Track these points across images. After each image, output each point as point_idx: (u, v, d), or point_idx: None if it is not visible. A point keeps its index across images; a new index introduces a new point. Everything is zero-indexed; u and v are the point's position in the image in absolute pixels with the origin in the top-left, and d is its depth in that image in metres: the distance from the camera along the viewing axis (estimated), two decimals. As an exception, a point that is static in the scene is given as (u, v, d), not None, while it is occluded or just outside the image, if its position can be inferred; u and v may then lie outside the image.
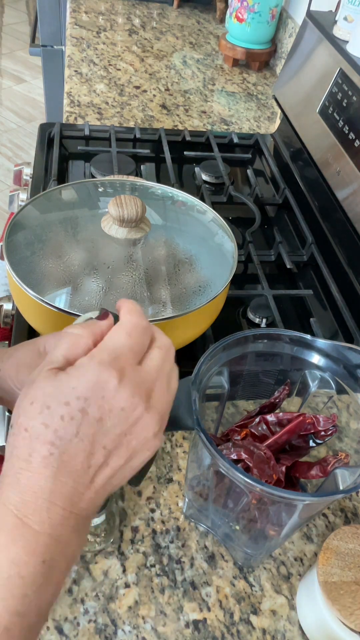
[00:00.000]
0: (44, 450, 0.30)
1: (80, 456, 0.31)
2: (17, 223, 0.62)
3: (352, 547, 0.46)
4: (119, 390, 0.31)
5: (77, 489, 0.31)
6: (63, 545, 0.31)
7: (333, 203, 0.80)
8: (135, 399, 0.32)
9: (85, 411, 0.31)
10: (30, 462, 0.31)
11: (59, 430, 0.31)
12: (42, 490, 0.30)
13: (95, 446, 0.31)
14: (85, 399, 0.31)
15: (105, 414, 0.31)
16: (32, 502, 0.30)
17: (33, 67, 3.21)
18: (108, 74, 1.25)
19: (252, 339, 0.49)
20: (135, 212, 0.58)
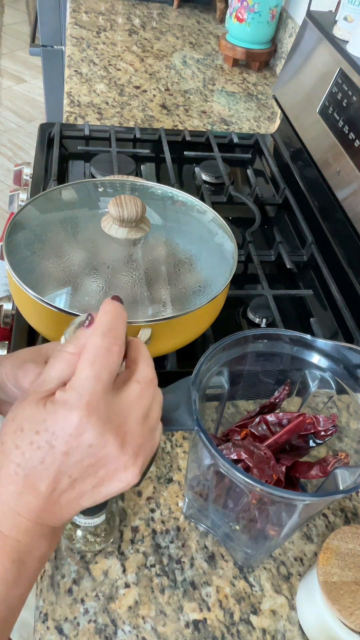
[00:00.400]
0: (10, 469, 0.32)
1: (45, 482, 0.32)
2: (17, 223, 0.62)
3: (352, 547, 0.46)
4: (87, 429, 0.32)
5: (42, 506, 0.33)
6: (31, 548, 0.33)
7: (333, 203, 0.80)
8: (106, 437, 0.32)
9: (51, 444, 0.32)
10: (0, 475, 0.33)
11: (26, 454, 0.32)
12: (8, 502, 0.33)
13: (59, 475, 0.32)
14: (52, 433, 0.32)
15: (72, 449, 0.32)
16: (0, 510, 0.33)
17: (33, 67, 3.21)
18: (108, 74, 1.25)
19: (252, 339, 0.49)
20: (135, 212, 0.58)
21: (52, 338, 0.60)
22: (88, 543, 0.49)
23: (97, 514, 0.47)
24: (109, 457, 0.33)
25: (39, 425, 0.32)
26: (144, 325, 0.55)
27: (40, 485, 0.32)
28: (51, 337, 0.60)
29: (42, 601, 0.47)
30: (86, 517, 0.47)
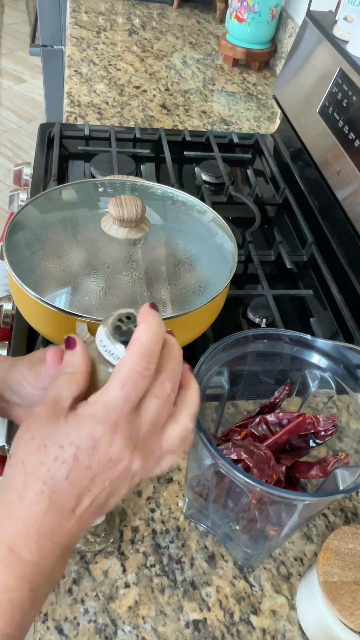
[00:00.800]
0: (37, 487, 0.32)
1: (68, 497, 0.33)
2: (17, 223, 0.62)
3: (352, 547, 0.46)
4: (110, 444, 0.33)
5: (62, 524, 0.33)
6: (48, 574, 0.33)
7: (333, 203, 0.80)
8: (124, 452, 0.33)
9: (76, 457, 0.32)
10: (23, 497, 0.32)
11: (51, 470, 0.32)
12: (33, 524, 0.32)
13: (83, 491, 0.33)
14: (77, 447, 0.33)
15: (94, 463, 0.33)
16: (23, 534, 0.32)
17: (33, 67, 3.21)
18: (108, 74, 1.25)
19: (252, 339, 0.49)
20: (135, 212, 0.58)
21: (52, 338, 0.60)
22: (88, 543, 0.49)
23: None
24: (125, 469, 0.34)
25: (63, 439, 0.33)
26: (144, 325, 0.55)
27: (65, 502, 0.33)
28: (51, 337, 0.60)
29: (42, 601, 0.47)
30: (86, 517, 0.47)
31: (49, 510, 0.32)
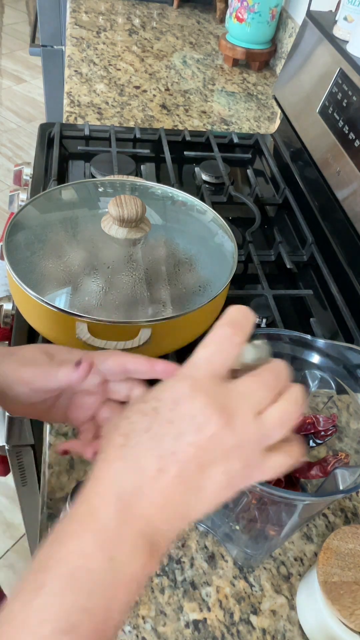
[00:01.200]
0: (117, 441, 0.31)
1: (148, 455, 0.30)
2: (17, 223, 0.62)
3: (352, 547, 0.46)
4: (190, 398, 0.30)
5: (142, 489, 0.30)
6: (128, 551, 0.29)
7: (333, 203, 0.80)
8: (208, 411, 0.30)
9: (156, 410, 0.31)
10: (107, 453, 0.31)
11: (133, 422, 0.31)
12: (111, 483, 0.30)
13: (165, 451, 0.30)
14: (158, 400, 0.31)
15: (176, 418, 0.30)
16: (100, 493, 0.30)
17: (33, 67, 3.21)
18: (108, 74, 1.25)
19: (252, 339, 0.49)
20: (135, 212, 0.58)
21: (52, 338, 0.60)
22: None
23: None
24: (214, 443, 0.30)
25: (147, 395, 0.32)
26: (144, 325, 0.55)
27: (144, 462, 0.30)
28: (51, 337, 0.60)
29: (42, 601, 0.47)
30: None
31: (127, 468, 0.30)
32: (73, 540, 0.29)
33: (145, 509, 0.29)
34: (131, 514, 0.29)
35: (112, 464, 0.30)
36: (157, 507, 0.30)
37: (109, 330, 0.54)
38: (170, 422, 0.30)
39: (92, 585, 0.27)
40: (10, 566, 1.32)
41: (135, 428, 0.31)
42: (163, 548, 0.30)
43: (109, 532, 0.29)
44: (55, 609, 0.26)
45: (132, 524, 0.29)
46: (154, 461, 0.30)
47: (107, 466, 0.30)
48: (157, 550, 0.30)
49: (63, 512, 0.49)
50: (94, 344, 0.53)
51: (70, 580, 0.27)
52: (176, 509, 0.30)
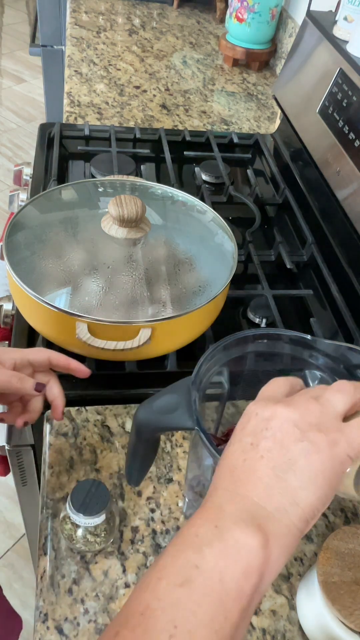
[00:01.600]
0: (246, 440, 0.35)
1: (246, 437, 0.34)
2: (17, 223, 0.62)
3: (352, 547, 0.46)
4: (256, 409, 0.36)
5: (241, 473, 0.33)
6: (233, 519, 0.30)
7: (333, 203, 0.80)
8: (273, 405, 0.35)
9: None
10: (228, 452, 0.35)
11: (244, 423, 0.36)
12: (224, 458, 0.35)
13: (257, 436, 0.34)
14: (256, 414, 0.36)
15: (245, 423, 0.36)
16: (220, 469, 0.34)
17: (33, 67, 3.21)
18: (108, 74, 1.25)
19: (252, 339, 0.49)
20: (135, 212, 0.58)
21: (52, 338, 0.60)
22: (88, 543, 0.49)
23: (97, 514, 0.47)
24: (281, 419, 0.33)
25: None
26: (144, 325, 0.55)
27: (244, 441, 0.34)
28: (51, 337, 0.60)
29: (42, 601, 0.47)
30: (86, 517, 0.47)
31: (235, 445, 0.34)
32: (190, 519, 0.32)
33: (243, 488, 0.32)
34: (234, 493, 0.32)
35: (229, 447, 0.35)
36: (251, 485, 0.32)
37: (109, 330, 0.54)
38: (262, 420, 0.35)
39: (200, 545, 0.29)
40: (10, 566, 1.32)
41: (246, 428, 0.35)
42: (278, 535, 0.30)
43: (214, 507, 0.32)
44: (169, 567, 0.29)
45: (234, 502, 0.32)
46: (249, 439, 0.34)
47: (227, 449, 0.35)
48: (265, 531, 0.30)
49: (63, 512, 0.49)
50: (94, 344, 0.53)
51: (182, 544, 0.30)
52: (273, 486, 0.32)
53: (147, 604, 0.28)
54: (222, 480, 0.33)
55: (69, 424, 0.60)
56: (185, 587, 0.28)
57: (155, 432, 0.44)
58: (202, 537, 0.30)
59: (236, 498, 0.32)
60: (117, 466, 0.57)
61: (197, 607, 0.27)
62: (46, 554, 0.50)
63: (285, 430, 0.33)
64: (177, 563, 0.29)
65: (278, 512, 0.31)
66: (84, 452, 0.58)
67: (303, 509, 0.31)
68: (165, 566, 0.29)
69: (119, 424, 0.61)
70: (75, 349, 0.59)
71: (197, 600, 0.27)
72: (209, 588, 0.28)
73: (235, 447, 0.34)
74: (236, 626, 0.28)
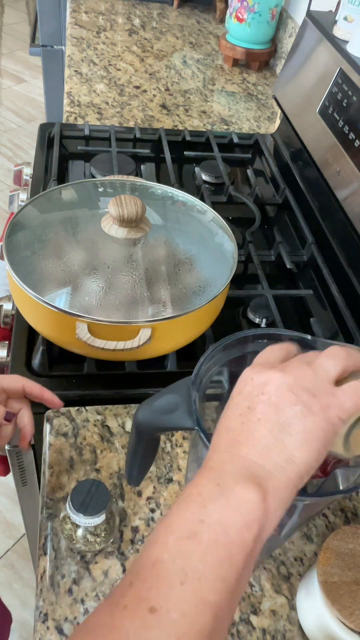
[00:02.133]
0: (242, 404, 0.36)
1: (241, 402, 0.36)
2: (17, 223, 0.62)
3: (352, 547, 0.46)
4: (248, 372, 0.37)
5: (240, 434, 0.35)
6: (233, 477, 0.32)
7: (333, 203, 0.80)
8: (268, 371, 0.36)
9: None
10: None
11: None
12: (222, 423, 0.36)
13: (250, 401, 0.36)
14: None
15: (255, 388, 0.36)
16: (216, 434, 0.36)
17: (33, 67, 3.21)
18: (108, 74, 1.25)
19: (252, 339, 0.49)
20: (135, 212, 0.58)
21: (52, 338, 0.60)
22: (88, 543, 0.49)
23: (97, 514, 0.47)
24: (275, 383, 0.35)
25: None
26: (144, 325, 0.55)
27: (239, 406, 0.36)
28: (51, 337, 0.60)
29: (42, 601, 0.47)
30: (86, 517, 0.47)
31: (232, 409, 0.36)
32: (192, 480, 0.33)
33: (242, 449, 0.34)
34: (233, 454, 0.34)
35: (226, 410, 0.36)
36: (249, 446, 0.34)
37: (109, 330, 0.54)
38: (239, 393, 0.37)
39: (204, 502, 0.31)
40: (10, 566, 1.32)
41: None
42: (276, 490, 0.32)
43: (215, 467, 0.33)
44: (176, 523, 0.31)
45: (234, 461, 0.33)
46: (245, 404, 0.36)
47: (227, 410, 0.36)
48: (264, 487, 0.32)
49: (63, 512, 0.49)
50: (94, 344, 0.53)
51: (186, 501, 0.32)
52: (270, 447, 0.33)
53: (157, 557, 0.29)
54: (221, 442, 0.35)
55: (69, 424, 0.60)
56: (193, 540, 0.30)
57: (155, 432, 0.44)
58: (205, 494, 0.31)
59: (236, 458, 0.33)
60: (117, 466, 0.57)
61: (204, 557, 0.29)
62: (46, 554, 0.50)
63: (280, 394, 0.34)
64: (183, 519, 0.31)
65: (275, 470, 0.33)
66: (84, 452, 0.58)
67: (299, 466, 0.33)
68: (172, 522, 0.31)
69: (119, 424, 0.61)
70: (75, 349, 0.59)
71: (204, 551, 0.29)
72: (214, 539, 0.30)
73: (232, 410, 0.36)
74: (240, 573, 0.30)
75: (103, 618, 0.28)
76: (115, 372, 0.64)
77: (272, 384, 0.35)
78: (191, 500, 0.32)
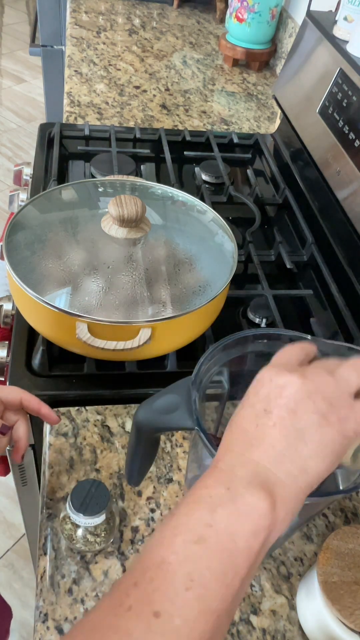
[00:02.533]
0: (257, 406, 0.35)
1: (257, 403, 0.35)
2: (17, 223, 0.62)
3: (352, 547, 0.46)
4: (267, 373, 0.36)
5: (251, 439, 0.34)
6: (243, 482, 0.32)
7: (333, 203, 0.80)
8: (279, 371, 0.36)
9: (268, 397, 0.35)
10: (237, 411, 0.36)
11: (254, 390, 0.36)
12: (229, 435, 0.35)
13: (265, 405, 0.35)
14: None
15: (256, 386, 0.36)
16: (223, 446, 0.35)
17: (33, 67, 3.21)
18: (108, 74, 1.25)
19: (252, 339, 0.49)
20: (135, 212, 0.58)
21: (52, 338, 0.60)
22: (88, 543, 0.49)
23: (97, 514, 0.47)
24: (293, 388, 0.34)
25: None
26: (144, 325, 0.55)
27: (256, 408, 0.35)
28: (51, 337, 0.60)
29: (42, 601, 0.47)
30: (86, 517, 0.47)
31: (247, 409, 0.35)
32: (201, 480, 0.33)
33: (255, 453, 0.33)
34: (245, 457, 0.33)
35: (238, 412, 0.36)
36: (263, 450, 0.33)
37: (109, 330, 0.54)
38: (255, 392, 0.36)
39: (213, 505, 0.31)
40: (10, 566, 1.32)
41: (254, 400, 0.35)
42: (285, 498, 0.32)
43: (226, 470, 0.33)
44: (183, 525, 0.31)
45: (246, 466, 0.33)
46: (260, 406, 0.35)
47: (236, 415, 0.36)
48: (274, 494, 0.31)
49: (63, 512, 0.49)
50: (94, 344, 0.53)
51: (195, 504, 0.31)
52: (284, 453, 0.33)
53: (163, 558, 0.29)
54: (233, 443, 0.34)
55: (69, 424, 0.60)
56: (200, 544, 0.29)
57: (155, 432, 0.44)
58: (214, 498, 0.31)
59: (248, 462, 0.33)
60: (117, 466, 0.57)
61: (211, 563, 0.29)
62: (46, 554, 0.50)
63: (299, 400, 0.34)
64: (191, 521, 0.31)
65: (287, 478, 0.32)
66: (84, 452, 0.58)
67: (311, 475, 0.33)
68: (180, 524, 0.31)
69: (119, 424, 0.61)
70: (75, 349, 0.59)
71: (211, 557, 0.29)
72: (221, 546, 0.30)
73: (247, 411, 0.35)
74: (243, 580, 0.30)
75: (107, 618, 0.28)
76: (115, 372, 0.64)
77: (291, 388, 0.34)
78: (200, 502, 0.31)
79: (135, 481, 0.50)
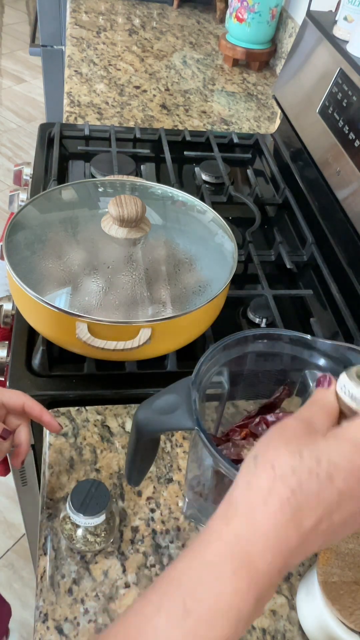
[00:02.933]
0: (284, 494, 0.30)
1: (311, 516, 0.30)
2: (17, 223, 0.62)
3: (352, 547, 0.46)
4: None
5: (295, 546, 0.30)
6: (268, 590, 0.30)
7: (333, 203, 0.80)
8: None
9: (331, 477, 0.30)
10: (267, 502, 0.30)
11: (303, 482, 0.30)
12: (273, 535, 0.30)
13: (325, 513, 0.30)
14: (335, 466, 0.31)
15: (347, 488, 0.31)
16: (261, 542, 0.30)
17: (33, 67, 3.21)
18: (108, 74, 1.25)
19: (252, 339, 0.49)
20: (135, 212, 0.58)
21: (52, 338, 0.60)
22: (88, 543, 0.49)
23: (97, 514, 0.47)
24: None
25: (322, 454, 0.31)
26: (144, 325, 0.55)
27: (306, 521, 0.30)
28: (51, 337, 0.60)
29: (42, 601, 0.47)
30: (86, 517, 0.47)
31: (289, 523, 0.30)
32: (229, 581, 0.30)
33: (292, 558, 0.31)
34: (280, 561, 0.30)
35: (275, 516, 0.30)
36: (296, 558, 0.31)
37: (109, 330, 0.54)
38: (341, 493, 0.31)
39: (238, 623, 0.29)
40: (10, 566, 1.32)
41: (304, 489, 0.30)
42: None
43: (261, 577, 0.30)
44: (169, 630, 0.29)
45: (279, 571, 0.30)
46: (313, 521, 0.30)
47: (270, 516, 0.30)
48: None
49: (63, 512, 0.49)
50: (94, 344, 0.53)
51: (226, 615, 0.29)
52: (310, 552, 0.31)
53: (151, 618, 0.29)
54: (258, 526, 0.31)
55: (69, 424, 0.60)
56: None
57: (155, 432, 0.44)
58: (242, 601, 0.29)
59: (282, 568, 0.31)
60: (117, 466, 0.57)
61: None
62: (46, 554, 0.50)
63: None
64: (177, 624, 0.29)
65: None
66: (84, 452, 0.58)
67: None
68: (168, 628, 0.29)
69: (119, 424, 0.61)
70: (75, 349, 0.59)
71: None
72: None
73: (272, 490, 0.31)
74: None
75: None
76: (115, 372, 0.64)
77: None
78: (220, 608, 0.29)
79: (135, 481, 0.50)
